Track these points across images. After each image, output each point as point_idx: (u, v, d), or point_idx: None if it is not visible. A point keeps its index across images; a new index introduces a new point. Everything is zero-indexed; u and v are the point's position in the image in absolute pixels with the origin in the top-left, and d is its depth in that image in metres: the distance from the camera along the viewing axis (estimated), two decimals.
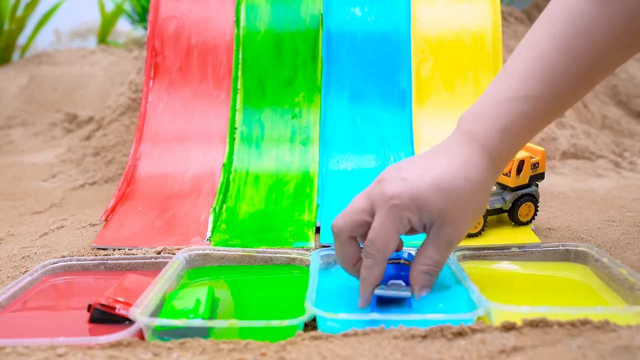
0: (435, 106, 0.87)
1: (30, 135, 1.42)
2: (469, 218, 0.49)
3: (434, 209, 0.47)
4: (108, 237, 0.70)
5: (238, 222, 0.73)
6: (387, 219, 0.48)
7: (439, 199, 0.47)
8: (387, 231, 0.48)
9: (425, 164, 0.49)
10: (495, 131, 0.49)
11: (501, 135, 0.49)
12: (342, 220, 0.50)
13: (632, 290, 0.52)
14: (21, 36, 1.88)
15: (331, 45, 0.90)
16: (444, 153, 0.50)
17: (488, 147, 0.49)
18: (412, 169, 0.49)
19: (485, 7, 0.90)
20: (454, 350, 0.42)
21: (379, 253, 0.48)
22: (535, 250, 0.62)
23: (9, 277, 0.62)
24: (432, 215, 0.48)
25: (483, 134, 0.50)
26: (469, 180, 0.48)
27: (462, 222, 0.49)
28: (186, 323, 0.46)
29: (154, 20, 0.91)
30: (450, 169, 0.48)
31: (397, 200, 0.47)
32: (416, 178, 0.48)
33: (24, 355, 0.43)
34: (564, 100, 0.52)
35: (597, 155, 1.11)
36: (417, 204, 0.47)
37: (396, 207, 0.48)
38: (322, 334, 0.45)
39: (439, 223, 0.48)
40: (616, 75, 1.42)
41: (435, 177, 0.48)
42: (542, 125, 0.52)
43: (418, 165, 0.50)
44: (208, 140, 0.86)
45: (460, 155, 0.49)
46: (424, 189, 0.47)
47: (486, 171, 0.49)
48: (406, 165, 0.50)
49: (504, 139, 0.50)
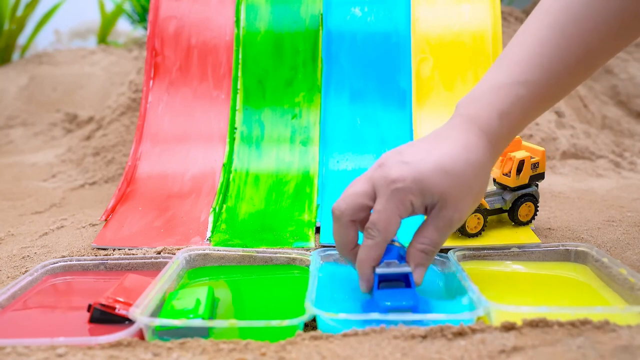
0: (435, 106, 0.87)
1: (30, 135, 1.42)
2: (470, 200, 0.50)
3: (436, 191, 0.48)
4: (108, 237, 0.70)
5: (238, 222, 0.73)
6: (390, 202, 0.49)
7: (442, 181, 0.48)
8: (390, 214, 0.49)
9: (426, 148, 0.50)
10: (495, 115, 0.50)
11: (500, 118, 0.51)
12: (344, 204, 0.51)
13: (632, 290, 0.52)
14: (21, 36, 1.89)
15: (331, 45, 0.90)
16: (444, 137, 0.51)
17: (487, 131, 0.50)
18: (413, 153, 0.50)
19: (485, 7, 0.90)
20: (454, 350, 0.42)
21: (381, 235, 0.49)
22: (535, 250, 0.62)
23: (9, 277, 0.62)
24: (434, 198, 0.49)
25: (482, 118, 0.51)
26: (469, 163, 0.49)
27: (463, 204, 0.50)
28: (186, 323, 0.46)
29: (154, 20, 0.91)
30: (451, 152, 0.49)
31: (401, 184, 0.48)
32: (419, 161, 0.49)
33: (24, 355, 0.43)
34: (561, 86, 0.53)
35: (597, 155, 1.11)
36: (420, 187, 0.48)
37: (399, 190, 0.48)
38: (322, 334, 0.45)
39: (441, 204, 0.49)
40: (616, 75, 1.42)
41: (438, 160, 0.49)
42: (540, 110, 0.53)
43: (419, 149, 0.50)
44: (208, 140, 0.86)
45: (461, 139, 0.50)
46: (426, 172, 0.48)
47: (486, 154, 0.50)
48: (407, 149, 0.51)
49: (503, 122, 0.51)
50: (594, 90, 1.40)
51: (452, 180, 0.48)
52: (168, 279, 0.56)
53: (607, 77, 1.43)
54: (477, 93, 0.52)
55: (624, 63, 1.43)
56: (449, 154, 0.49)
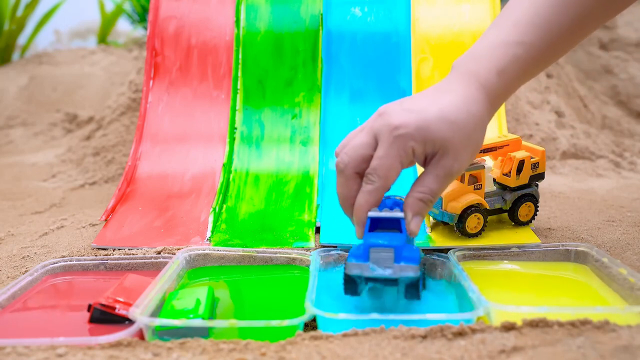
0: None
1: (30, 135, 1.42)
2: (469, 151, 0.51)
3: (438, 138, 0.49)
4: (108, 237, 0.70)
5: (238, 222, 0.73)
6: (392, 148, 0.49)
7: (444, 129, 0.49)
8: (391, 160, 0.49)
9: (428, 99, 0.51)
10: (494, 71, 0.52)
11: (498, 75, 0.52)
12: (347, 156, 0.51)
13: (632, 290, 0.52)
14: (21, 36, 1.88)
15: (331, 45, 0.90)
16: (445, 89, 0.52)
17: (486, 86, 0.52)
18: (416, 103, 0.51)
19: (485, 7, 0.90)
20: (454, 350, 0.42)
21: (380, 180, 0.50)
22: (535, 250, 0.62)
23: (9, 277, 0.62)
24: (435, 146, 0.50)
25: (481, 73, 0.52)
26: (471, 114, 0.50)
27: (463, 155, 0.51)
28: (186, 323, 0.46)
29: (154, 20, 0.91)
30: (454, 103, 0.50)
31: (404, 130, 0.49)
32: (422, 110, 0.50)
33: (24, 355, 0.43)
34: (556, 47, 0.55)
35: (597, 155, 1.11)
36: (423, 134, 0.49)
37: (402, 136, 0.49)
38: (322, 334, 0.45)
39: (441, 153, 0.50)
40: (616, 75, 1.42)
41: (441, 109, 0.50)
42: (536, 70, 0.55)
43: (421, 100, 0.52)
44: (208, 140, 0.86)
45: (462, 91, 0.51)
46: (430, 119, 0.49)
47: (485, 108, 0.52)
48: (408, 100, 0.52)
49: (501, 79, 0.52)
50: (594, 90, 1.40)
51: (455, 130, 0.49)
52: (168, 279, 0.56)
53: (607, 77, 1.43)
54: (476, 51, 0.54)
55: (624, 63, 1.43)
56: (453, 103, 0.50)
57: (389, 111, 0.51)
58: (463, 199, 0.65)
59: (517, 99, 1.15)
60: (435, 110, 0.50)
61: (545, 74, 1.25)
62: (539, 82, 1.22)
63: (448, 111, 0.50)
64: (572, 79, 1.32)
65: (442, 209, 0.65)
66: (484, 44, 0.54)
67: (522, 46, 0.52)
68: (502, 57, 0.52)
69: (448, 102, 0.50)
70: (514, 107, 1.13)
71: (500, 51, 0.53)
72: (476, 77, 0.52)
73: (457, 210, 0.64)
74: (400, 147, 0.49)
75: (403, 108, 0.50)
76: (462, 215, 0.64)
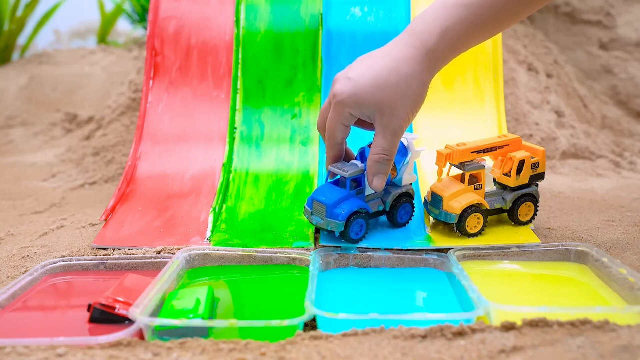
0: (435, 106, 0.86)
1: (30, 135, 1.42)
2: (407, 107, 0.58)
3: (371, 102, 0.57)
4: (108, 237, 0.70)
5: (238, 222, 0.73)
6: (333, 113, 0.60)
7: (375, 94, 0.57)
8: (333, 122, 0.60)
9: (368, 64, 0.58)
10: (437, 30, 0.57)
11: (441, 34, 0.57)
12: (319, 121, 0.64)
13: (632, 290, 0.52)
14: (21, 36, 1.88)
15: (331, 45, 0.90)
16: (387, 52, 0.59)
17: (427, 44, 0.58)
18: (357, 68, 0.59)
19: None
20: (454, 350, 0.42)
21: (330, 139, 0.62)
22: (535, 250, 0.62)
23: (9, 277, 0.62)
24: (371, 108, 0.57)
25: (424, 33, 0.58)
26: (402, 75, 0.57)
27: (399, 111, 0.57)
28: (186, 323, 0.46)
29: (154, 20, 0.91)
30: (387, 67, 0.57)
31: (340, 98, 0.58)
32: (358, 77, 0.58)
33: (24, 355, 0.43)
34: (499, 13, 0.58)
35: (597, 155, 1.11)
36: (356, 99, 0.57)
37: (339, 103, 0.58)
38: (322, 334, 0.45)
39: (379, 114, 0.58)
40: (616, 75, 1.42)
41: (373, 76, 0.57)
42: (481, 33, 0.59)
43: (364, 64, 0.59)
44: (208, 140, 0.86)
45: (400, 53, 0.58)
46: (361, 87, 0.57)
47: (422, 66, 0.57)
48: (355, 65, 0.60)
49: (444, 38, 0.57)
50: (594, 90, 1.40)
51: (384, 91, 0.57)
52: (168, 279, 0.56)
53: (607, 77, 1.43)
54: (427, 12, 0.59)
55: (624, 63, 1.43)
56: (385, 69, 0.57)
57: (336, 79, 0.60)
58: (463, 199, 0.65)
59: (517, 99, 1.15)
60: (368, 78, 0.57)
61: (545, 74, 1.25)
62: (539, 82, 1.22)
63: (379, 76, 0.57)
64: (572, 79, 1.32)
65: (442, 209, 0.65)
66: (435, 6, 0.59)
67: (468, 8, 0.57)
68: (448, 17, 0.57)
69: (382, 67, 0.57)
70: (514, 107, 1.13)
71: (447, 12, 0.57)
72: (419, 36, 0.58)
73: (457, 211, 0.64)
74: (339, 112, 0.59)
75: (345, 75, 0.59)
76: (462, 215, 0.64)
